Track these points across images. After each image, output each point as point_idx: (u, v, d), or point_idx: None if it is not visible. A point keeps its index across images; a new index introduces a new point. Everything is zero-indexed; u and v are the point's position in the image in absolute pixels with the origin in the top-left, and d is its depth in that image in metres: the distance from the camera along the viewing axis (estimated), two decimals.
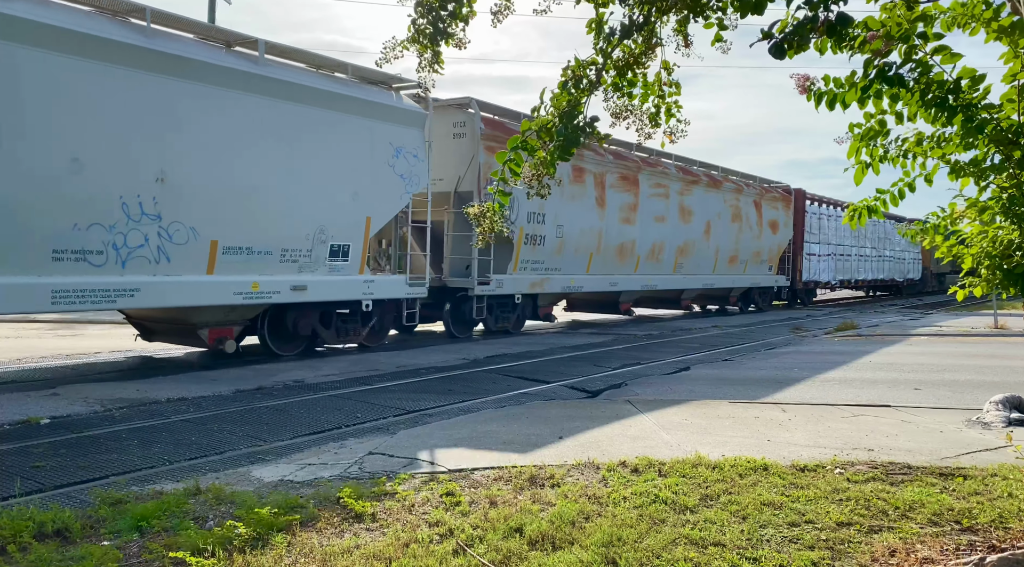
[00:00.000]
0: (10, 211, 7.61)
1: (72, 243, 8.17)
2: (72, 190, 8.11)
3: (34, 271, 7.87)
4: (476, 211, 3.51)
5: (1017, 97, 3.49)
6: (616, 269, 17.13)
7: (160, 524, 4.13)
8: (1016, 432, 6.30)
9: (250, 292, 9.91)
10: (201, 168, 9.24)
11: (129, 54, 8.47)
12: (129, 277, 8.70)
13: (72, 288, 8.20)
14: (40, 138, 7.83)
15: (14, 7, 7.63)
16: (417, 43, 3.37)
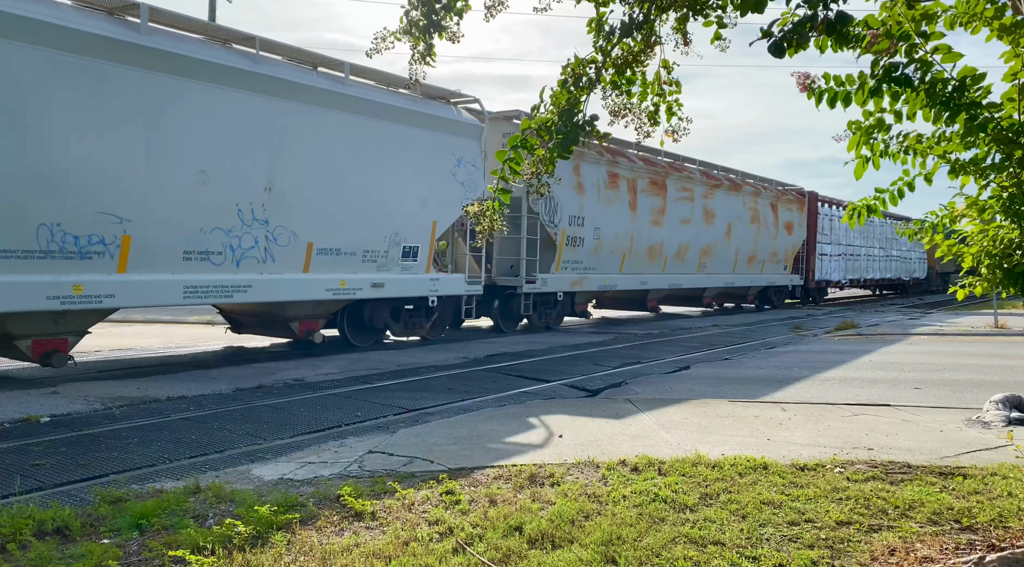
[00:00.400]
0: (155, 220, 8.85)
1: (198, 245, 9.34)
2: (199, 199, 9.29)
3: (169, 270, 9.08)
4: (476, 209, 3.50)
5: (1018, 96, 3.49)
6: (646, 268, 18.17)
7: (160, 522, 4.13)
8: (1016, 431, 6.29)
9: (338, 288, 11.09)
10: (300, 178, 10.40)
11: (243, 79, 9.66)
12: (242, 275, 9.85)
13: (198, 284, 9.36)
14: (178, 156, 9.04)
15: (177, 45, 9.10)
16: (410, 35, 3.35)
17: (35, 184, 7.88)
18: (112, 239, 8.51)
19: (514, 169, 3.35)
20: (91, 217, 8.32)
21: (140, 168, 8.67)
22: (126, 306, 9.08)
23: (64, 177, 8.10)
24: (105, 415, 7.19)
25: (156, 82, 8.77)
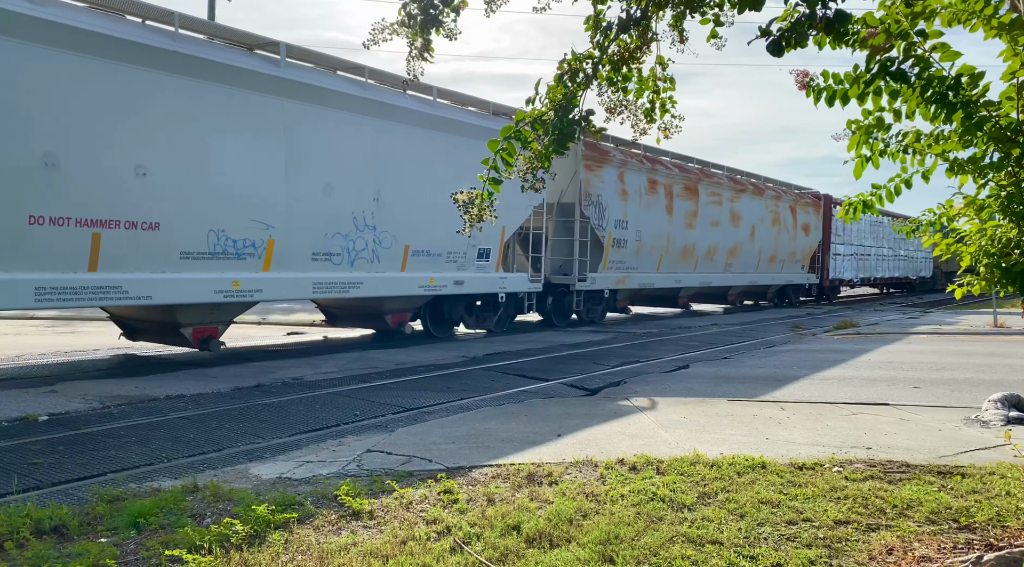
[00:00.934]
0: (292, 226, 10.46)
1: (323, 248, 10.96)
2: (325, 209, 10.90)
3: (301, 269, 10.70)
4: (464, 198, 3.49)
5: (1016, 95, 3.48)
6: (680, 268, 19.60)
7: (157, 521, 4.13)
8: (1015, 430, 6.29)
9: (428, 285, 12.70)
10: (400, 189, 11.97)
11: (357, 104, 11.23)
12: (356, 273, 11.46)
13: (323, 281, 10.97)
14: (309, 171, 10.66)
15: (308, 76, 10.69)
16: (407, 28, 3.33)
17: (208, 197, 9.41)
18: (260, 243, 10.09)
19: (506, 161, 3.35)
20: (246, 224, 9.89)
21: (281, 183, 10.30)
22: (269, 300, 10.81)
23: (227, 191, 9.66)
24: (103, 414, 7.18)
25: (292, 109, 10.33)
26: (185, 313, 9.91)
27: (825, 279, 28.07)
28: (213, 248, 9.56)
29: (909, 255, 36.96)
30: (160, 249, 9.05)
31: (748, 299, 25.99)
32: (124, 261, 8.74)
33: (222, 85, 9.51)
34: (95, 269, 8.50)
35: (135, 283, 8.83)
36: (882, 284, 37.05)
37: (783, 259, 24.81)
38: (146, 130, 8.81)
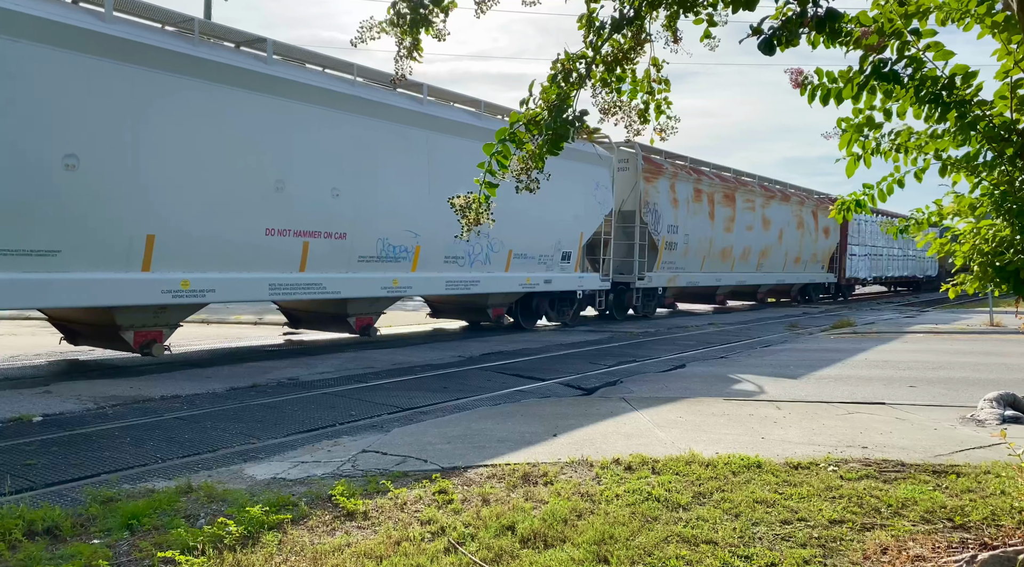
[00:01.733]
0: (431, 234, 12.52)
1: (451, 252, 13.11)
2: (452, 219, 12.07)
3: (436, 270, 12.92)
4: (461, 202, 3.48)
5: (1009, 94, 3.48)
6: (719, 268, 21.80)
7: (151, 522, 4.11)
8: (1010, 429, 6.29)
9: (525, 283, 14.97)
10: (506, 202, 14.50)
11: (474, 132, 13.09)
12: (474, 273, 13.72)
13: (453, 279, 13.27)
14: (443, 189, 11.97)
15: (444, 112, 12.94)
16: (396, 27, 3.31)
17: (377, 212, 11.76)
18: (410, 248, 12.32)
19: (501, 163, 3.34)
20: (402, 233, 12.14)
21: (425, 199, 12.35)
22: (416, 294, 13.36)
23: (390, 207, 11.91)
24: (98, 414, 7.16)
25: (432, 138, 12.57)
26: (355, 305, 12.38)
27: (842, 278, 30.05)
28: (380, 253, 11.91)
29: (917, 255, 38.23)
30: (345, 254, 11.35)
31: (774, 297, 28.17)
32: (323, 264, 10.99)
33: (392, 122, 11.95)
34: (304, 270, 10.75)
35: (330, 281, 11.12)
36: (892, 283, 39.12)
37: (806, 260, 26.98)
38: (341, 161, 11.11)
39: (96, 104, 8.32)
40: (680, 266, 19.80)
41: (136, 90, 8.63)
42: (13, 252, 7.81)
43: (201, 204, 9.38)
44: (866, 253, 32.39)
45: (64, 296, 8.40)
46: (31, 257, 7.96)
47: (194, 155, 9.28)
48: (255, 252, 10.04)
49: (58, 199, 8.09)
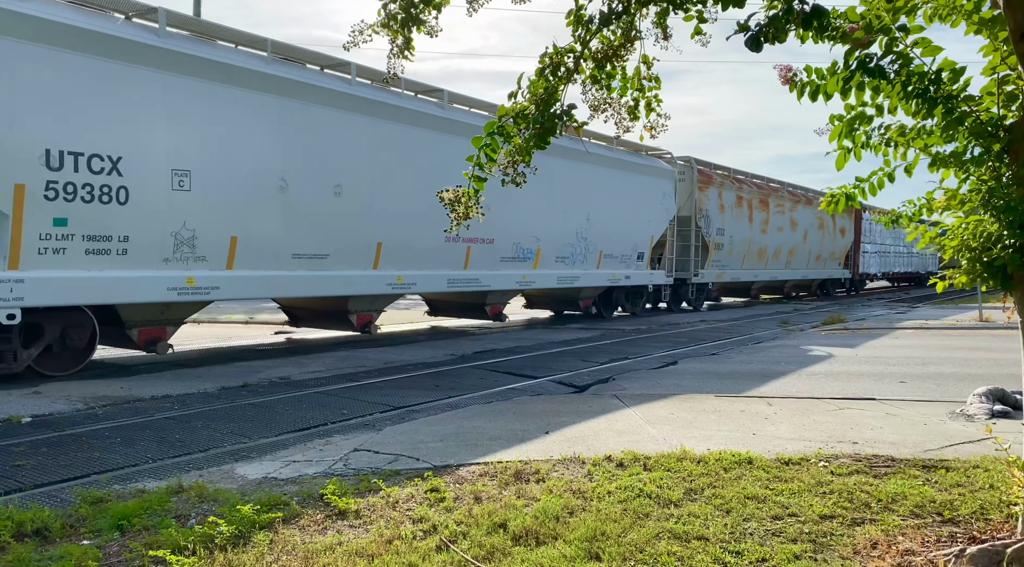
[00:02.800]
0: (549, 238, 15.70)
1: (561, 253, 16.25)
2: (563, 226, 16.19)
3: (551, 267, 15.97)
4: (450, 196, 3.48)
5: (996, 90, 3.50)
6: (756, 266, 24.93)
7: (141, 523, 4.09)
8: (999, 424, 6.34)
9: (611, 278, 17.99)
10: (598, 210, 17.11)
11: (578, 155, 16.02)
12: (575, 271, 16.69)
13: (562, 275, 16.39)
14: (558, 203, 15.86)
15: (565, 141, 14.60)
16: (388, 28, 3.32)
17: (514, 222, 14.58)
18: (533, 250, 15.39)
19: (490, 157, 3.33)
20: (528, 238, 15.09)
21: (545, 210, 15.50)
22: (537, 287, 16.10)
23: (523, 217, 14.80)
24: (88, 415, 7.13)
25: (554, 162, 15.08)
26: (493, 296, 15.41)
27: (856, 273, 33.43)
28: (514, 254, 14.91)
29: (920, 252, 40.33)
30: (492, 255, 14.39)
31: (797, 291, 31.50)
32: (478, 263, 14.04)
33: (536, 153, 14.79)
34: (466, 268, 13.89)
35: (484, 277, 14.21)
36: (896, 278, 41.48)
37: (825, 257, 30.27)
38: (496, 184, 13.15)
39: (349, 146, 11.37)
40: (725, 264, 22.86)
41: (373, 136, 11.78)
42: (304, 256, 10.92)
43: (406, 220, 12.23)
44: (876, 251, 35.52)
45: (330, 287, 11.48)
46: (314, 259, 11.06)
47: (400, 183, 12.14)
48: (438, 255, 13.10)
49: (329, 217, 11.09)
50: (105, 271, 8.74)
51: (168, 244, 9.26)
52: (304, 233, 10.75)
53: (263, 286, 10.61)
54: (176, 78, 9.21)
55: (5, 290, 7.89)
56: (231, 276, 10.00)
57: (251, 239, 10.10)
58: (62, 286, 8.39)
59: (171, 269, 9.35)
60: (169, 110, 9.16)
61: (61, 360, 9.05)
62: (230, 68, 9.76)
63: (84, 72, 8.42)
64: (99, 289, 8.73)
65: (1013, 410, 7.08)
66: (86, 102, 8.44)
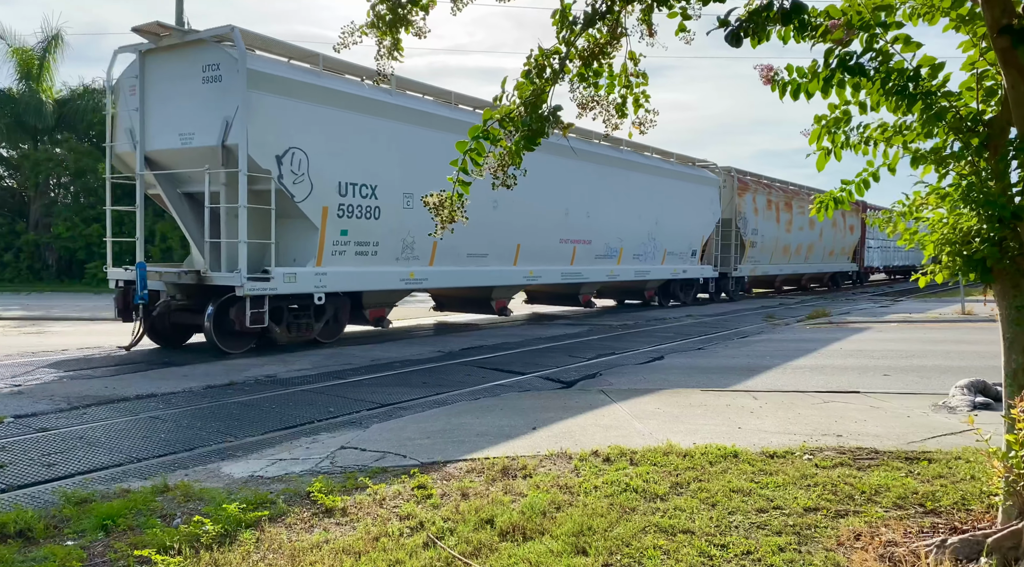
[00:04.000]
0: (630, 240, 19.07)
1: (638, 251, 19.42)
2: (639, 229, 19.29)
3: (631, 263, 19.16)
4: (435, 201, 3.48)
5: (975, 85, 3.53)
6: (781, 261, 28.18)
7: (126, 523, 4.07)
8: (980, 415, 6.42)
9: (673, 272, 21.19)
10: (662, 214, 20.16)
11: (649, 170, 19.68)
12: (646, 266, 19.91)
13: (639, 269, 19.59)
14: (636, 212, 19.13)
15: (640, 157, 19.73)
16: (376, 29, 3.32)
17: (604, 226, 17.92)
18: (617, 249, 18.64)
19: (475, 161, 3.34)
20: (614, 239, 18.48)
21: (625, 216, 18.60)
22: (621, 279, 19.13)
23: (610, 222, 18.07)
24: (72, 414, 7.07)
25: (627, 174, 18.71)
26: (585, 288, 18.36)
27: (862, 267, 36.92)
28: (605, 252, 18.17)
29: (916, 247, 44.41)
30: (589, 253, 17.58)
31: (813, 283, 34.37)
32: (580, 260, 17.26)
33: (610, 166, 18.06)
34: (572, 264, 17.07)
35: (586, 271, 17.55)
36: (893, 271, 43.93)
37: (837, 252, 33.45)
38: (589, 193, 17.20)
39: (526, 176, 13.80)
40: (758, 260, 26.07)
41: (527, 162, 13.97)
42: (473, 255, 14.12)
43: (534, 225, 15.59)
44: (879, 246, 38.65)
45: (488, 279, 14.80)
46: (478, 258, 14.24)
47: (529, 197, 14.77)
48: (554, 253, 16.43)
49: (489, 226, 13.96)
50: (365, 267, 12.13)
51: (399, 247, 12.69)
52: (474, 238, 13.79)
53: (450, 278, 13.96)
54: (402, 125, 12.48)
55: (317, 280, 11.28)
56: (433, 270, 13.38)
57: (445, 243, 13.06)
58: (342, 277, 11.76)
59: (400, 265, 12.77)
60: (400, 149, 12.44)
61: (332, 333, 12.41)
62: (431, 116, 13.10)
63: (351, 124, 11.62)
64: (361, 279, 12.12)
65: (994, 402, 7.16)
66: (354, 145, 11.67)
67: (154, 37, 10.90)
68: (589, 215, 17.16)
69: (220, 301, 10.61)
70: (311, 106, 10.97)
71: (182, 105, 10.79)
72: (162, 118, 11.03)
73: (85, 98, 29.86)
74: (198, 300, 10.95)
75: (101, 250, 28.07)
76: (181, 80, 10.80)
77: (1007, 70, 3.16)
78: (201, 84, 10.57)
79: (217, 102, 10.35)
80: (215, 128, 10.37)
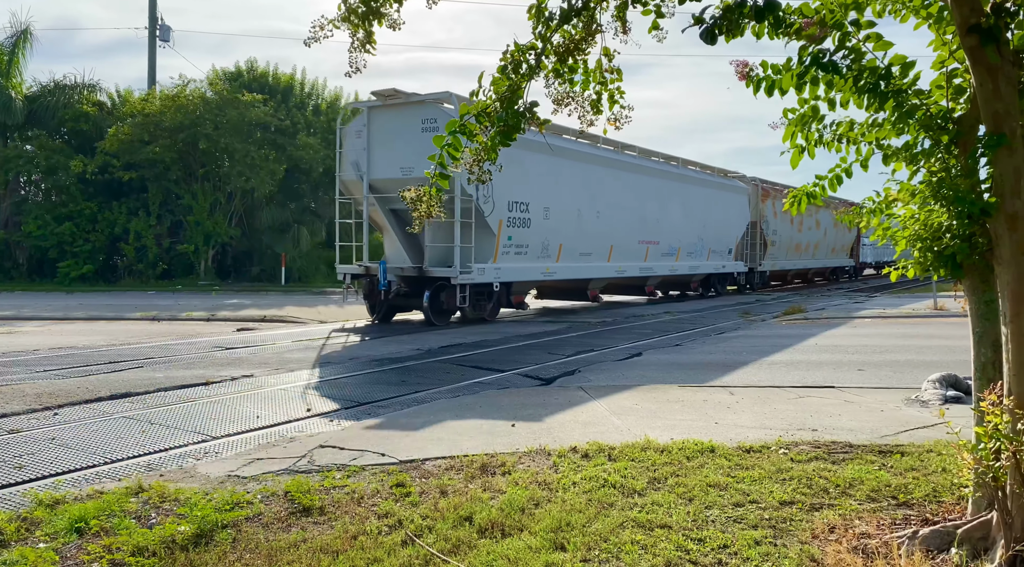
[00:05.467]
0: (685, 242, 22.57)
1: (692, 250, 22.97)
2: (692, 232, 22.77)
3: (687, 260, 22.88)
4: (412, 195, 3.47)
5: (945, 83, 3.59)
6: (793, 258, 31.94)
7: (99, 524, 4.02)
8: (951, 409, 6.53)
9: (715, 267, 24.82)
10: (707, 218, 23.68)
11: (699, 183, 23.63)
12: (696, 262, 23.51)
13: (693, 264, 23.34)
14: (691, 217, 22.73)
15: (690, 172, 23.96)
16: (348, 22, 3.30)
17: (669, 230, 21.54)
18: (675, 248, 21.91)
19: (452, 155, 3.33)
20: (674, 239, 21.89)
21: (681, 220, 22.20)
22: (680, 273, 22.99)
23: (672, 225, 21.61)
24: (43, 415, 6.96)
25: (683, 188, 22.42)
26: (651, 280, 21.93)
27: (857, 262, 40.63)
28: (667, 251, 21.74)
29: None
30: (657, 252, 21.12)
31: (815, 277, 37.49)
32: (651, 257, 20.85)
33: (671, 181, 21.84)
34: (645, 260, 20.67)
35: (655, 266, 21.13)
36: (880, 266, 46.51)
37: (838, 249, 37.26)
38: (658, 203, 21.03)
39: (602, 187, 18.48)
40: (776, 257, 30.04)
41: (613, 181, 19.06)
42: (583, 253, 18.05)
43: (622, 230, 19.36)
44: (872, 243, 43.26)
45: (591, 272, 18.71)
46: (586, 256, 18.25)
47: (619, 207, 19.15)
48: (634, 252, 20.20)
49: (594, 230, 18.24)
50: (520, 264, 16.21)
51: (540, 248, 16.71)
52: (585, 241, 18.10)
53: (569, 271, 17.95)
54: (539, 156, 15.97)
55: (495, 273, 15.37)
56: (559, 265, 17.44)
57: (567, 244, 17.50)
58: (508, 271, 15.84)
59: (540, 262, 16.83)
60: (540, 173, 16.34)
61: (493, 313, 16.29)
62: (563, 149, 17.12)
63: (511, 156, 13.70)
64: (518, 273, 16.26)
65: (965, 395, 7.28)
66: (515, 172, 15.02)
67: (383, 98, 14.96)
68: (658, 221, 21.07)
69: (434, 288, 14.88)
70: None
71: (402, 147, 14.61)
72: (384, 156, 14.96)
73: (56, 94, 29.38)
74: (413, 288, 15.10)
75: (74, 248, 27.66)
76: (403, 128, 14.72)
77: (975, 68, 3.22)
78: (420, 132, 14.34)
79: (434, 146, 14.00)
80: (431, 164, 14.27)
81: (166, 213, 28.93)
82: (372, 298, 15.53)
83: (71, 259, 27.75)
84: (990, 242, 3.39)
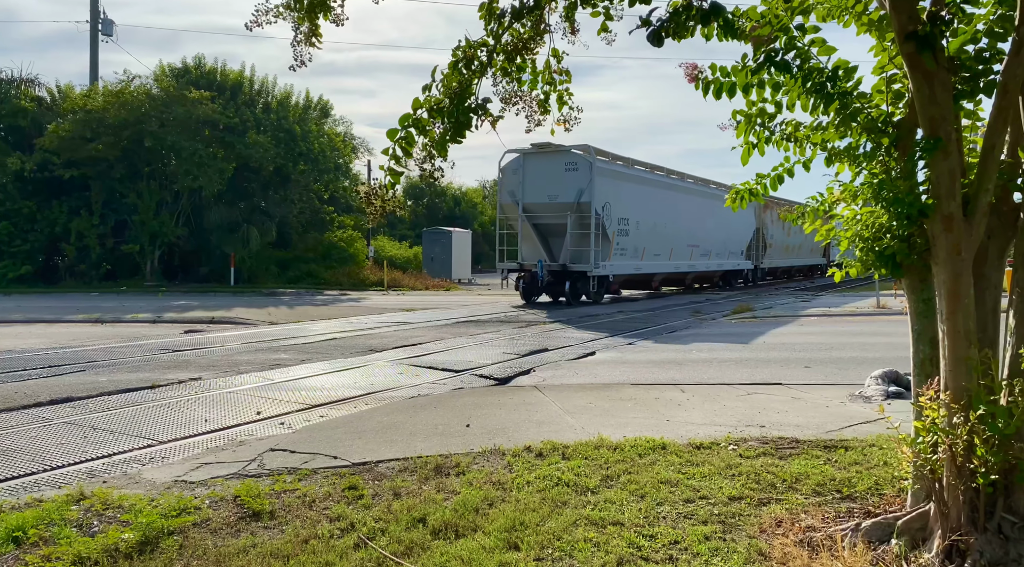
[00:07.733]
0: (714, 246, 28.87)
1: (716, 252, 29.34)
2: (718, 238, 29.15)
3: (714, 259, 29.71)
4: (365, 189, 3.44)
5: (885, 88, 3.70)
6: (784, 257, 37.21)
7: (38, 534, 3.88)
8: (892, 404, 6.73)
9: (733, 266, 31.09)
10: (727, 227, 29.35)
11: (718, 197, 28.22)
12: (719, 260, 29.71)
13: (719, 263, 29.84)
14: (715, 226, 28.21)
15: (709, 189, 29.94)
16: (293, 11, 3.25)
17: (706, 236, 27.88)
18: (707, 251, 28.23)
19: (406, 150, 3.30)
20: (705, 243, 28.01)
21: (713, 230, 27.94)
22: (711, 269, 29.32)
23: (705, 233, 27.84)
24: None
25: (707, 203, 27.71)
26: (691, 276, 28.13)
27: (828, 261, 43.22)
28: (703, 253, 27.63)
29: None
30: (699, 253, 27.43)
31: (799, 275, 42.31)
32: (694, 257, 27.12)
33: (702, 197, 27.48)
34: (690, 259, 26.98)
35: (697, 264, 27.62)
36: None
37: (816, 250, 41.19)
38: (696, 216, 26.75)
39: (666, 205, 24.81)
40: (772, 256, 35.21)
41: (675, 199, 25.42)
42: (656, 255, 24.35)
43: (677, 236, 25.08)
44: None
45: (660, 268, 24.98)
46: (656, 256, 24.31)
47: (676, 219, 24.98)
48: (684, 253, 25.85)
49: (663, 236, 24.47)
50: (623, 262, 22.14)
51: (633, 250, 22.60)
52: (656, 244, 23.96)
53: (647, 267, 23.92)
54: (633, 185, 22.63)
55: (610, 269, 21.57)
56: (643, 263, 23.32)
57: (648, 248, 23.48)
58: (616, 268, 21.86)
59: (632, 260, 22.70)
60: (635, 197, 22.40)
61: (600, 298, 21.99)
62: (646, 180, 23.95)
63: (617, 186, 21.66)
64: (621, 268, 22.13)
65: (906, 391, 7.52)
66: (621, 198, 21.72)
67: (538, 147, 20.65)
68: (698, 229, 26.63)
69: (572, 279, 20.79)
70: (612, 180, 21.43)
71: (549, 180, 20.80)
72: (535, 186, 21.00)
73: None
74: (556, 278, 20.93)
75: (11, 249, 26.68)
76: (550, 168, 20.85)
77: (913, 74, 3.32)
78: (564, 172, 20.64)
79: (574, 181, 20.48)
80: (572, 193, 20.42)
81: (110, 212, 28.09)
82: (529, 285, 21.36)
83: (8, 259, 26.75)
84: (928, 242, 3.50)
